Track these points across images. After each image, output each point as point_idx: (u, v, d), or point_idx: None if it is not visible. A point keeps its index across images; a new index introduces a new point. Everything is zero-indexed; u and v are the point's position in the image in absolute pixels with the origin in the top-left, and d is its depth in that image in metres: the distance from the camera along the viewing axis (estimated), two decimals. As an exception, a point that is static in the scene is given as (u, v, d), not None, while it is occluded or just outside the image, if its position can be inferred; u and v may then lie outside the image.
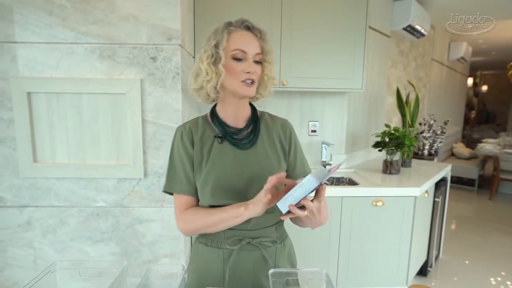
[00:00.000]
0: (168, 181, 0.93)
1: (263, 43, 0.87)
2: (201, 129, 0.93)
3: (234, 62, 0.85)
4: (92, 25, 1.39)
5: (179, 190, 0.91)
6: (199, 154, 0.90)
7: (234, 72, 0.85)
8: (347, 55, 2.01)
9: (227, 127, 0.92)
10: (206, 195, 0.88)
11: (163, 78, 1.44)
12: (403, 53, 3.43)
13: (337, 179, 2.34)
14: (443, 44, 4.72)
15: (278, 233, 0.96)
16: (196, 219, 0.88)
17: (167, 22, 1.40)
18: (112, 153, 1.47)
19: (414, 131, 2.67)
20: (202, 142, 0.91)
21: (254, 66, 0.86)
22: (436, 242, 2.65)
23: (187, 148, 0.91)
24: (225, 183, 0.87)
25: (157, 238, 1.54)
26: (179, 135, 0.92)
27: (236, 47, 0.84)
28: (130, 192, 1.50)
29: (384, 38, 2.83)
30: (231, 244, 0.90)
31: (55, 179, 1.47)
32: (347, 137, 2.48)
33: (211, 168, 0.88)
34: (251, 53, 0.85)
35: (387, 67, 3.01)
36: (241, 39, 0.85)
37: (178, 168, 0.91)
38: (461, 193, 4.90)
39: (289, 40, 1.95)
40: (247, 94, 0.87)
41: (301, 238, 1.91)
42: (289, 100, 2.34)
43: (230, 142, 0.91)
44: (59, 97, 1.42)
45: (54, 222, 1.51)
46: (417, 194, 1.99)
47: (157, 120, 1.46)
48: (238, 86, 0.86)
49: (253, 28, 0.87)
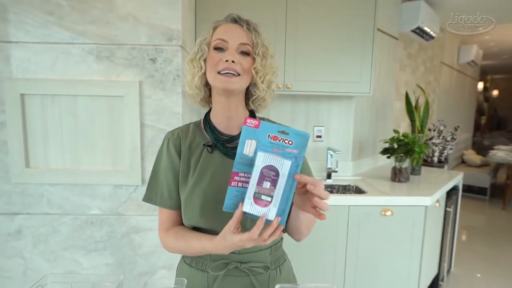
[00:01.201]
0: (148, 191, 0.89)
1: (251, 34, 0.82)
2: (190, 137, 0.88)
3: (214, 53, 0.81)
4: (89, 24, 1.39)
5: (159, 202, 0.87)
6: (185, 165, 0.85)
7: (212, 62, 0.80)
8: (355, 58, 2.01)
9: (219, 134, 0.87)
10: (193, 214, 0.82)
11: (163, 80, 1.43)
12: (411, 56, 3.44)
13: (344, 187, 2.32)
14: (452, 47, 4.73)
15: (273, 257, 0.88)
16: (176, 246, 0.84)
17: (168, 22, 1.40)
18: (109, 159, 1.46)
19: (424, 137, 2.67)
20: (190, 152, 0.86)
21: (236, 55, 0.79)
22: (448, 255, 2.62)
23: (172, 157, 0.86)
24: (212, 200, 0.80)
25: (154, 249, 1.52)
26: (165, 143, 0.88)
27: (217, 37, 0.81)
28: (127, 199, 1.49)
29: (392, 40, 2.84)
30: (216, 268, 0.83)
31: (48, 185, 1.47)
32: (354, 143, 2.48)
33: (197, 181, 0.83)
34: (234, 43, 0.80)
35: (395, 70, 3.02)
36: (224, 30, 0.82)
37: (160, 178, 0.87)
38: (472, 202, 4.87)
39: (293, 41, 1.95)
40: (224, 86, 0.78)
41: (304, 249, 1.89)
42: (293, 104, 2.34)
43: (221, 151, 0.85)
44: (54, 99, 1.42)
45: (46, 231, 1.49)
46: (428, 203, 1.97)
47: (156, 124, 1.45)
48: (215, 78, 0.80)
49: (240, 19, 0.83)
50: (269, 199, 0.63)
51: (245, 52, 0.81)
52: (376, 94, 2.70)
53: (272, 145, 0.65)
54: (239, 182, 0.66)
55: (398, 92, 3.18)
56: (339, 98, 2.37)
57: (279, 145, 0.65)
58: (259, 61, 0.81)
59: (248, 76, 0.82)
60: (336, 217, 1.92)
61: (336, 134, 2.41)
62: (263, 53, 0.83)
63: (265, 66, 0.83)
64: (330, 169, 2.32)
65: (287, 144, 0.65)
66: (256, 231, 0.65)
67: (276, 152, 0.64)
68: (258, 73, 0.83)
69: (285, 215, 0.65)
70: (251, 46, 0.81)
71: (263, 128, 0.65)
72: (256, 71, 0.82)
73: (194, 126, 0.91)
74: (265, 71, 0.84)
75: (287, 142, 0.65)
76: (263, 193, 0.64)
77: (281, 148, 0.65)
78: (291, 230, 0.87)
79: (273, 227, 0.65)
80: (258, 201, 0.64)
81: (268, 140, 0.65)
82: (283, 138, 0.65)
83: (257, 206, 0.64)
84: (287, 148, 0.65)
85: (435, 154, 3.24)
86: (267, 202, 0.63)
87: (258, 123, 0.65)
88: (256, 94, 0.86)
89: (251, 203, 0.64)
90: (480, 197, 5.06)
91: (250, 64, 0.81)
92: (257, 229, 0.64)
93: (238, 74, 0.79)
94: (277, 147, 0.65)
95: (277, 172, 0.63)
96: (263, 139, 0.65)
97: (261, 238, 0.66)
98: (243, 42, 0.80)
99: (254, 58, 0.82)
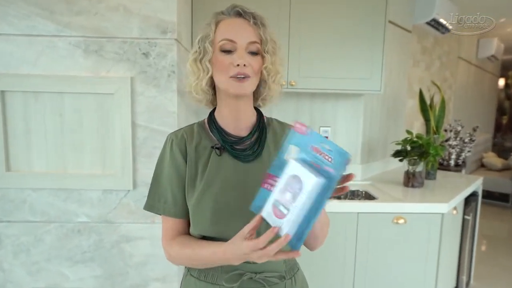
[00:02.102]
0: (150, 198, 0.89)
1: (259, 30, 0.82)
2: (196, 138, 0.89)
3: (222, 55, 0.81)
4: (76, 16, 1.40)
5: (162, 210, 0.88)
6: (192, 169, 0.86)
7: (221, 66, 0.81)
8: (364, 52, 2.03)
9: (226, 135, 0.88)
10: (202, 222, 0.83)
11: (156, 76, 1.44)
12: (426, 51, 3.46)
13: (352, 193, 2.33)
14: (471, 40, 4.75)
15: (287, 266, 0.90)
16: (182, 255, 0.84)
17: (162, 13, 1.41)
18: (97, 161, 1.47)
19: (439, 139, 2.68)
20: (197, 154, 0.87)
21: (246, 57, 0.80)
22: (467, 267, 2.63)
23: (177, 161, 0.87)
24: (224, 206, 0.82)
25: (147, 259, 1.53)
26: (169, 145, 0.89)
27: (223, 37, 0.81)
28: (117, 205, 1.50)
29: (405, 33, 2.86)
30: (229, 280, 0.83)
31: (31, 190, 1.47)
32: (363, 145, 2.49)
33: (207, 186, 0.84)
34: (242, 43, 0.80)
35: (408, 66, 3.03)
36: (229, 28, 0.81)
37: (163, 184, 0.88)
38: (492, 209, 4.88)
39: (298, 34, 1.97)
40: (237, 92, 0.81)
41: (311, 259, 1.90)
42: (297, 103, 2.35)
43: (231, 154, 0.86)
44: (37, 96, 1.43)
45: (28, 240, 1.50)
46: (444, 210, 1.98)
47: (149, 124, 1.46)
48: (226, 83, 0.81)
49: (245, 13, 0.83)
50: (286, 211, 0.62)
51: (254, 51, 0.82)
52: (387, 91, 2.71)
53: (312, 158, 0.64)
54: (270, 185, 0.67)
55: (411, 90, 3.20)
56: (346, 96, 2.38)
57: (318, 159, 0.63)
58: (269, 59, 0.83)
59: (258, 76, 0.84)
60: (344, 225, 1.93)
61: (343, 135, 2.42)
62: (272, 49, 0.84)
63: (275, 63, 0.85)
64: (338, 173, 2.33)
65: (327, 160, 0.62)
66: (262, 241, 0.65)
67: (313, 166, 0.63)
68: (269, 73, 0.84)
69: (302, 239, 0.63)
70: (259, 43, 0.82)
71: (310, 137, 0.65)
72: (267, 71, 0.84)
73: (199, 127, 0.92)
74: (276, 68, 0.85)
75: (328, 158, 0.62)
76: (283, 203, 0.63)
77: (319, 163, 0.63)
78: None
79: (279, 244, 0.64)
80: (276, 209, 0.64)
81: (310, 150, 0.64)
82: (325, 153, 0.63)
83: (273, 215, 0.64)
84: (325, 166, 0.62)
85: (451, 157, 3.25)
86: (283, 214, 0.63)
87: (306, 129, 0.66)
88: (266, 93, 0.89)
89: (269, 209, 0.65)
90: (502, 204, 5.07)
91: (260, 64, 0.83)
92: (264, 238, 0.64)
93: (249, 76, 0.80)
94: (316, 160, 0.64)
95: (301, 186, 0.61)
96: (306, 148, 0.65)
97: (266, 252, 0.65)
98: (251, 40, 0.81)
99: (263, 56, 0.83)
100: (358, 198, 2.31)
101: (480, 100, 5.66)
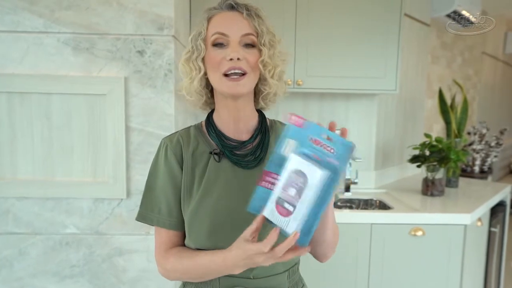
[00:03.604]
0: (143, 207, 0.91)
1: (254, 22, 0.83)
2: (193, 143, 0.90)
3: (213, 51, 0.83)
4: (66, 10, 1.45)
5: (156, 222, 0.89)
6: (189, 177, 0.88)
7: (213, 62, 0.82)
8: (377, 49, 2.06)
9: (226, 139, 0.89)
10: (199, 235, 0.84)
11: (152, 76, 1.49)
12: (446, 46, 3.49)
13: (365, 202, 2.37)
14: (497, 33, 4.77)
15: (291, 282, 0.90)
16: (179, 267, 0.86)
17: (158, 8, 1.46)
18: (88, 168, 1.51)
19: (462, 142, 2.71)
20: (194, 160, 0.89)
21: (240, 51, 0.81)
22: (494, 284, 2.64)
23: (172, 168, 0.88)
24: (223, 217, 0.83)
25: (141, 274, 1.57)
26: (163, 150, 0.90)
27: (215, 30, 0.83)
28: (109, 215, 1.54)
29: (423, 27, 2.90)
30: None
31: (15, 199, 1.51)
32: (377, 150, 2.53)
33: (204, 195, 0.85)
34: (235, 36, 0.82)
35: (426, 63, 3.07)
36: (221, 21, 0.83)
37: (157, 193, 0.89)
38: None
39: (305, 30, 2.00)
40: (232, 91, 0.82)
41: (320, 273, 1.92)
42: (305, 104, 2.40)
43: (230, 160, 0.87)
44: (23, 98, 1.47)
45: (11, 254, 1.54)
46: (467, 222, 1.99)
47: (144, 127, 1.51)
48: (220, 82, 0.83)
49: (238, 5, 0.84)
50: (291, 208, 0.66)
51: (249, 44, 0.83)
52: (403, 91, 2.74)
53: (312, 150, 0.67)
54: (270, 183, 0.70)
55: (430, 89, 3.23)
56: (358, 97, 2.42)
57: (319, 151, 0.66)
58: (266, 52, 0.83)
59: (256, 72, 0.85)
60: (356, 237, 1.95)
61: (355, 139, 2.44)
62: (270, 41, 0.85)
63: (273, 56, 0.85)
64: (349, 181, 2.36)
65: (328, 151, 0.66)
66: (267, 244, 0.66)
67: (313, 158, 0.67)
68: (266, 67, 0.85)
69: (309, 234, 0.66)
70: (255, 35, 0.83)
71: (307, 129, 0.68)
72: (264, 64, 0.84)
73: (196, 130, 0.93)
74: (274, 62, 0.86)
75: (329, 149, 0.66)
76: (287, 200, 0.66)
77: (320, 155, 0.66)
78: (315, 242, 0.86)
79: (288, 243, 0.66)
80: (280, 207, 0.67)
81: (309, 143, 0.68)
82: (326, 144, 0.66)
83: (278, 213, 0.67)
84: (328, 157, 0.66)
85: (476, 163, 3.27)
86: (288, 212, 0.66)
87: (303, 121, 0.69)
88: (266, 90, 0.89)
89: (272, 208, 0.68)
90: (533, 216, 5.07)
91: (257, 57, 0.84)
92: (268, 241, 0.66)
93: (245, 73, 0.82)
94: (317, 153, 0.67)
95: (306, 180, 0.65)
96: (304, 140, 0.68)
97: (274, 254, 0.68)
98: (245, 32, 0.82)
99: (260, 50, 0.84)
100: (371, 207, 2.34)
101: (508, 99, 5.67)
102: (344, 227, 1.91)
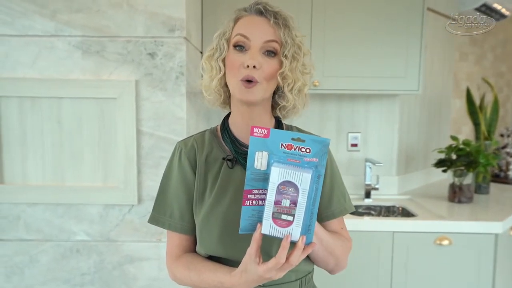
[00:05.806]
0: (155, 210, 0.95)
1: (280, 30, 0.85)
2: (207, 148, 0.94)
3: (234, 53, 0.86)
4: (76, 13, 1.51)
5: (167, 225, 0.93)
6: (201, 182, 0.92)
7: (232, 67, 0.86)
8: (399, 46, 2.07)
9: (239, 145, 0.92)
10: (210, 241, 0.87)
11: (163, 79, 1.54)
12: (475, 42, 3.46)
13: (387, 209, 2.37)
14: (532, 27, 4.71)
15: None
16: (187, 277, 0.89)
17: (169, 9, 1.51)
18: (98, 173, 1.57)
19: (492, 145, 2.69)
20: (207, 166, 0.92)
21: (259, 58, 0.84)
22: (527, 299, 2.61)
23: (185, 173, 0.93)
24: (233, 224, 0.83)
25: (152, 283, 1.61)
26: (177, 155, 0.95)
27: (238, 32, 0.86)
28: (120, 222, 1.59)
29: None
30: None
31: (26, 205, 1.58)
32: (399, 154, 2.53)
33: (216, 201, 0.88)
34: (257, 42, 0.84)
35: (453, 60, 3.05)
36: (246, 24, 0.86)
37: (170, 197, 0.94)
38: None
39: (322, 27, 2.04)
40: (243, 97, 0.85)
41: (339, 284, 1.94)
42: (322, 106, 2.42)
43: (243, 166, 0.89)
44: (34, 102, 1.54)
45: (22, 261, 1.60)
46: (498, 230, 1.97)
47: (155, 131, 1.56)
48: (235, 86, 0.86)
49: (267, 11, 0.86)
50: (291, 218, 0.71)
51: (271, 51, 0.86)
52: (427, 91, 2.74)
53: (287, 155, 0.73)
54: (254, 200, 0.75)
55: (458, 88, 3.21)
56: (379, 98, 2.43)
57: (295, 154, 0.72)
58: (288, 64, 0.86)
59: (271, 82, 0.87)
60: (377, 246, 1.96)
61: (376, 142, 2.47)
62: (293, 54, 0.87)
63: (295, 70, 0.87)
64: (369, 186, 2.38)
65: (304, 152, 0.72)
66: (282, 254, 0.70)
67: (292, 163, 0.72)
68: (286, 80, 0.87)
69: (311, 232, 0.73)
70: (278, 43, 0.86)
71: (273, 137, 0.73)
72: (283, 76, 0.87)
73: (210, 135, 0.97)
74: (295, 76, 0.88)
75: (304, 150, 0.72)
76: (283, 212, 0.71)
77: (297, 157, 0.72)
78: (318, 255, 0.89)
79: (299, 249, 0.71)
80: (278, 221, 0.72)
81: (282, 150, 0.73)
82: (299, 146, 0.72)
83: (278, 227, 0.72)
84: (305, 157, 0.72)
85: (510, 167, 3.23)
86: (288, 222, 0.71)
87: (268, 131, 0.73)
88: (283, 103, 0.92)
89: (270, 224, 0.72)
90: None
91: (276, 68, 0.86)
92: (283, 250, 0.70)
93: (256, 82, 0.84)
94: (293, 157, 0.73)
95: (296, 187, 0.70)
96: (275, 149, 0.73)
97: (289, 264, 0.71)
98: (268, 39, 0.85)
99: (281, 61, 0.86)
100: (393, 215, 2.34)
101: (547, 98, 5.57)
102: (365, 235, 1.94)
